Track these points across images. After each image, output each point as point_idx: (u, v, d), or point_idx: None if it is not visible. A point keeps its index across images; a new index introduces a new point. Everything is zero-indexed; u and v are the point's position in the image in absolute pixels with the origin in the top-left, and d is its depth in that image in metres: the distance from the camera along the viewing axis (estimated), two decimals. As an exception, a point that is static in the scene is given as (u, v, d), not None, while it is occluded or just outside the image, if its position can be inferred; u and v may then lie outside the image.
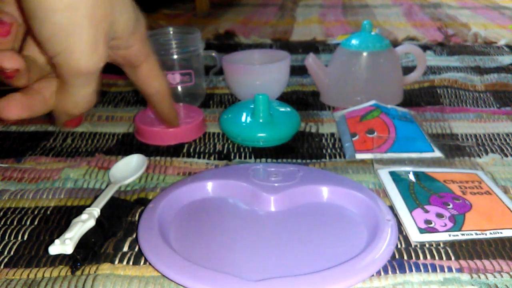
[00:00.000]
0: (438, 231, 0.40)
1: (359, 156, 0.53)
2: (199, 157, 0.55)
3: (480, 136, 0.59)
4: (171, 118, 0.52)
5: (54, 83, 0.36)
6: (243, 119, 0.57)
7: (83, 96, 0.34)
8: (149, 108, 0.61)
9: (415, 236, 0.39)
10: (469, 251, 0.38)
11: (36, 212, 0.44)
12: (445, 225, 0.40)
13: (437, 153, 0.53)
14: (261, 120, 0.56)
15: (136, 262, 0.37)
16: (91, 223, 0.40)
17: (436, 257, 0.38)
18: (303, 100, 0.71)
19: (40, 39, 0.30)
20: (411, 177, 0.48)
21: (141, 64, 0.41)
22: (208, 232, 0.40)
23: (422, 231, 0.40)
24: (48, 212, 0.44)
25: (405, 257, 0.38)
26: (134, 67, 0.41)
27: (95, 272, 0.36)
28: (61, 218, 0.43)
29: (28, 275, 0.36)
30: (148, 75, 0.42)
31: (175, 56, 0.64)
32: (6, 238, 0.41)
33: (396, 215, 0.42)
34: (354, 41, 0.67)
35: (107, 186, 0.48)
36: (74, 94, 0.34)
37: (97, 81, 0.34)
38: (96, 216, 0.41)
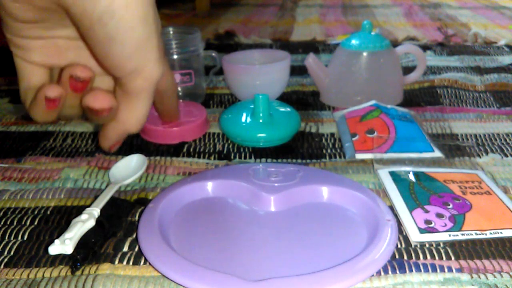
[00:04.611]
0: (438, 231, 0.40)
1: (359, 156, 0.53)
2: (199, 157, 0.55)
3: (480, 136, 0.59)
4: (177, 113, 0.51)
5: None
6: (243, 119, 0.57)
7: (147, 109, 0.34)
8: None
9: (415, 236, 0.39)
10: (469, 251, 0.38)
11: (36, 212, 0.44)
12: (445, 225, 0.40)
13: (437, 153, 0.53)
14: (261, 120, 0.56)
15: (136, 262, 0.37)
16: (91, 223, 0.40)
17: (436, 257, 0.38)
18: (303, 100, 0.71)
19: (117, 63, 0.30)
20: (411, 177, 0.48)
21: None
22: (208, 232, 0.40)
23: (422, 231, 0.40)
24: (48, 212, 0.44)
25: (405, 257, 0.38)
26: None
27: (95, 272, 0.36)
28: (61, 218, 0.43)
29: (28, 275, 0.36)
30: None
31: (175, 56, 0.64)
32: (6, 238, 0.41)
33: (396, 215, 0.42)
34: (354, 41, 0.67)
35: (107, 186, 0.48)
36: (139, 109, 0.34)
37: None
38: (96, 216, 0.41)
